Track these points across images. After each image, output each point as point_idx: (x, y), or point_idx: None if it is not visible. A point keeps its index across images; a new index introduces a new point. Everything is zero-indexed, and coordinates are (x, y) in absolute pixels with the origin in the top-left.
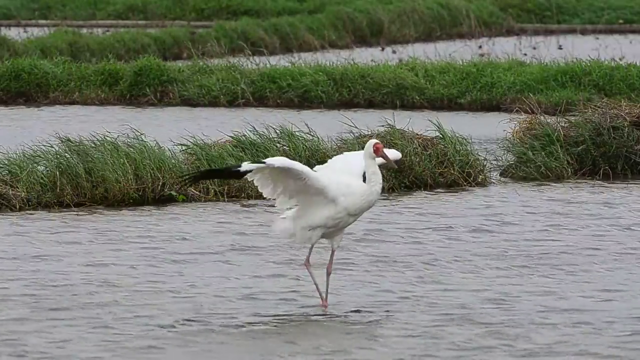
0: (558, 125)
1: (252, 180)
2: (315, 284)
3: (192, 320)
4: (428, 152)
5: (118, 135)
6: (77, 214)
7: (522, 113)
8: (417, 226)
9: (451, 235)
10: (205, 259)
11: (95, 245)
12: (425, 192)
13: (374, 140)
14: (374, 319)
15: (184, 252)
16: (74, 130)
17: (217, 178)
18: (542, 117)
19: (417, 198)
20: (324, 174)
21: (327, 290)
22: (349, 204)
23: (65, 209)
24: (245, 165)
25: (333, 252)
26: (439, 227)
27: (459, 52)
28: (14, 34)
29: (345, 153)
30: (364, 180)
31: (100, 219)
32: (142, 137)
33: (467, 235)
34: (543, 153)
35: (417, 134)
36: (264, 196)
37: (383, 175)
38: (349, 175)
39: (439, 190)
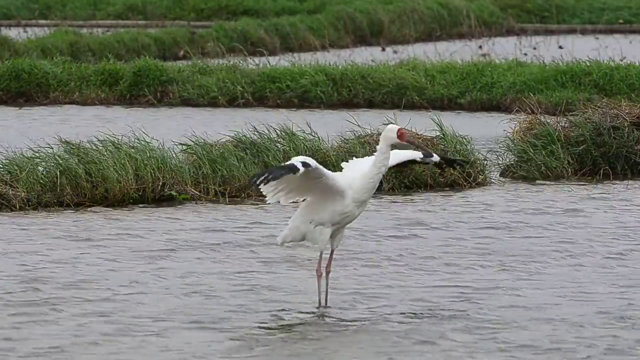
0: (558, 125)
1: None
2: (319, 292)
3: (189, 320)
4: None
5: (120, 137)
6: (76, 214)
7: (522, 113)
8: (416, 226)
9: (450, 234)
10: (204, 258)
11: (94, 245)
12: (425, 192)
13: (396, 126)
14: (369, 318)
15: (183, 252)
16: (74, 130)
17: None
18: (542, 117)
19: (417, 198)
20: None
21: (327, 289)
22: (354, 195)
23: (65, 209)
24: (301, 168)
25: (332, 251)
26: (438, 227)
27: (459, 52)
28: (14, 34)
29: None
30: None
31: (99, 218)
32: (145, 137)
33: (466, 234)
34: (544, 152)
35: (418, 134)
36: (263, 193)
37: (385, 176)
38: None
39: (439, 190)
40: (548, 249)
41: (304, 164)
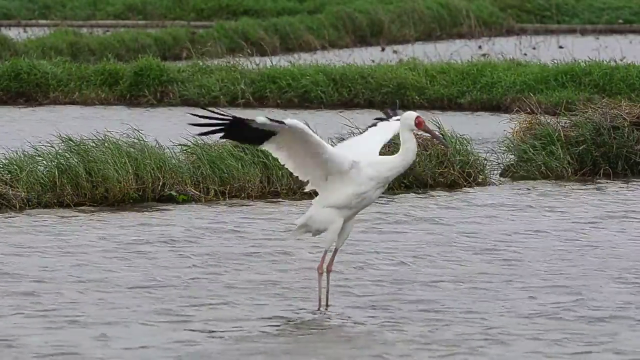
0: (558, 125)
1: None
2: (320, 291)
3: (188, 321)
4: (428, 152)
5: (120, 137)
6: (76, 214)
7: (522, 113)
8: (415, 225)
9: (450, 234)
10: (203, 258)
11: (92, 245)
12: (425, 191)
13: (414, 113)
14: (366, 318)
15: (182, 252)
16: (74, 130)
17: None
18: (542, 117)
19: (416, 198)
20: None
21: (328, 288)
22: (375, 174)
23: (65, 209)
24: (260, 119)
25: (336, 250)
26: (437, 226)
27: (459, 52)
28: (14, 34)
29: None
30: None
31: (99, 218)
32: (143, 137)
33: (464, 234)
34: (544, 152)
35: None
36: (295, 175)
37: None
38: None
39: (439, 190)
40: (544, 248)
41: (273, 121)
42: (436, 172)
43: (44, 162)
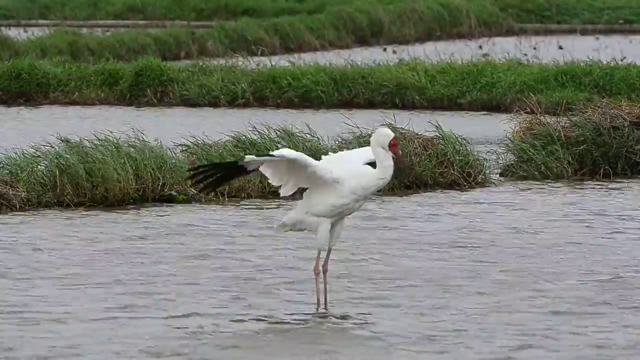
0: (558, 125)
1: (264, 173)
2: (318, 292)
3: (188, 321)
4: (428, 152)
5: (120, 137)
6: (76, 214)
7: (522, 113)
8: (416, 224)
9: (449, 234)
10: (203, 257)
11: (92, 245)
12: (425, 192)
13: (391, 133)
14: (367, 319)
15: (181, 251)
16: (74, 130)
17: (222, 176)
18: (542, 117)
19: (417, 198)
20: (325, 164)
21: (325, 289)
22: (354, 186)
23: (65, 209)
24: (248, 158)
25: (329, 249)
26: (436, 225)
27: (459, 52)
28: (14, 34)
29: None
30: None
31: (99, 218)
32: (143, 137)
33: (463, 233)
34: (544, 152)
35: (417, 134)
36: (271, 183)
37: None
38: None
39: (438, 189)
40: (542, 247)
41: (267, 155)
42: (436, 172)
43: (44, 162)
